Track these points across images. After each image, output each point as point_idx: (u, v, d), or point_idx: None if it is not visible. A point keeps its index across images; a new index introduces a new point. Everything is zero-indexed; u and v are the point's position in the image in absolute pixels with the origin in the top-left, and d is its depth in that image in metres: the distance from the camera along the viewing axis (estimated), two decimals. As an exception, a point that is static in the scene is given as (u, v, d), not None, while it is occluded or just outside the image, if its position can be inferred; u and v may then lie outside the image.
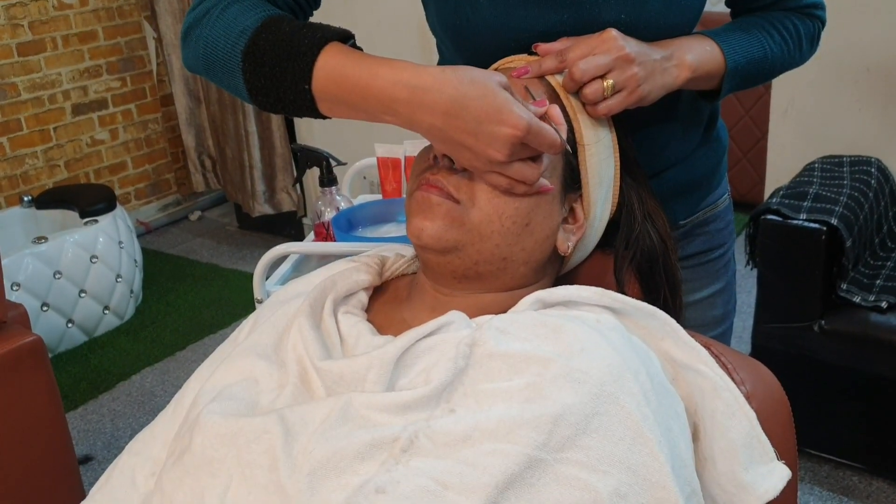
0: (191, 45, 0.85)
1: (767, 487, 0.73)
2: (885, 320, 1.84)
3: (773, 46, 0.94)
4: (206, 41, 0.82)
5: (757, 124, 3.30)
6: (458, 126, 0.72)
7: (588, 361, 0.68)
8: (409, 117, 0.74)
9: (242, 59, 0.79)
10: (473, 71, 0.73)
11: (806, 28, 0.98)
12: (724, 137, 1.09)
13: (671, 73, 0.86)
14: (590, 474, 0.64)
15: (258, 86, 0.80)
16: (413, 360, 0.73)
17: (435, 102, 0.72)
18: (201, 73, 0.86)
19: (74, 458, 1.61)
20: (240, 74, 0.80)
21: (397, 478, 0.63)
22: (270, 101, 0.81)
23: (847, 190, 1.98)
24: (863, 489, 1.97)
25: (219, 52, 0.81)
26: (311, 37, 0.77)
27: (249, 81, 0.80)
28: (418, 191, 0.79)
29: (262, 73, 0.79)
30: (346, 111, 0.78)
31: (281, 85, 0.78)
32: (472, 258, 0.79)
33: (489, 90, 0.72)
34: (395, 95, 0.73)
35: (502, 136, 0.72)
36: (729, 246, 1.12)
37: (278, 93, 0.79)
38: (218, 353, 0.87)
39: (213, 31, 0.82)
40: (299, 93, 0.77)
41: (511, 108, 0.72)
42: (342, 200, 1.51)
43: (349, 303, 0.85)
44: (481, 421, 0.65)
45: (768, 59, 0.94)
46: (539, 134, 0.73)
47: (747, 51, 0.92)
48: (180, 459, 0.72)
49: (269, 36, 0.79)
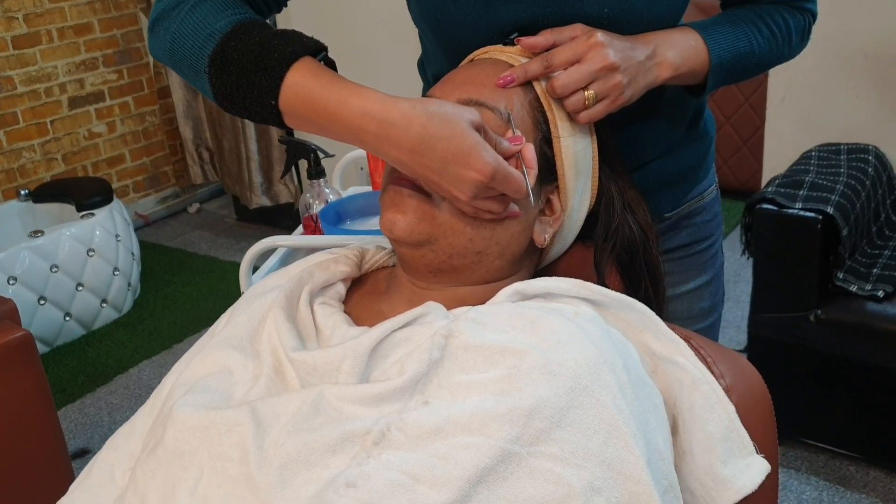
0: (158, 36, 0.83)
1: (746, 481, 0.72)
2: (881, 309, 1.83)
3: (761, 41, 0.92)
4: (174, 36, 0.81)
5: (756, 112, 3.28)
6: (424, 164, 0.72)
7: (564, 354, 0.67)
8: (376, 148, 0.74)
9: (209, 63, 0.78)
10: (445, 107, 0.72)
11: (796, 22, 0.96)
12: (711, 130, 1.07)
13: (652, 73, 0.85)
14: (564, 468, 0.63)
15: (224, 92, 0.79)
16: (388, 352, 0.72)
17: (401, 139, 0.71)
18: (167, 64, 0.85)
19: (67, 453, 1.61)
20: (206, 77, 0.79)
21: (368, 471, 0.63)
22: (236, 109, 0.79)
23: (844, 178, 1.96)
24: (859, 478, 1.96)
25: (186, 51, 0.80)
26: (282, 50, 0.75)
27: (215, 86, 0.79)
28: (391, 184, 0.79)
29: (229, 82, 0.77)
30: (312, 130, 0.77)
31: (247, 96, 0.77)
32: (446, 252, 0.78)
33: (458, 131, 0.71)
34: (363, 127, 0.73)
35: (467, 178, 0.71)
36: (716, 238, 1.10)
37: (244, 102, 0.78)
38: (196, 346, 0.86)
39: (182, 27, 0.80)
40: (265, 107, 0.76)
41: (479, 153, 0.71)
42: (331, 193, 1.50)
43: (326, 294, 0.84)
44: (455, 413, 0.65)
45: (755, 53, 0.92)
46: (505, 180, 0.72)
47: (733, 45, 0.90)
48: (153, 452, 0.72)
49: (238, 45, 0.77)
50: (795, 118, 2.31)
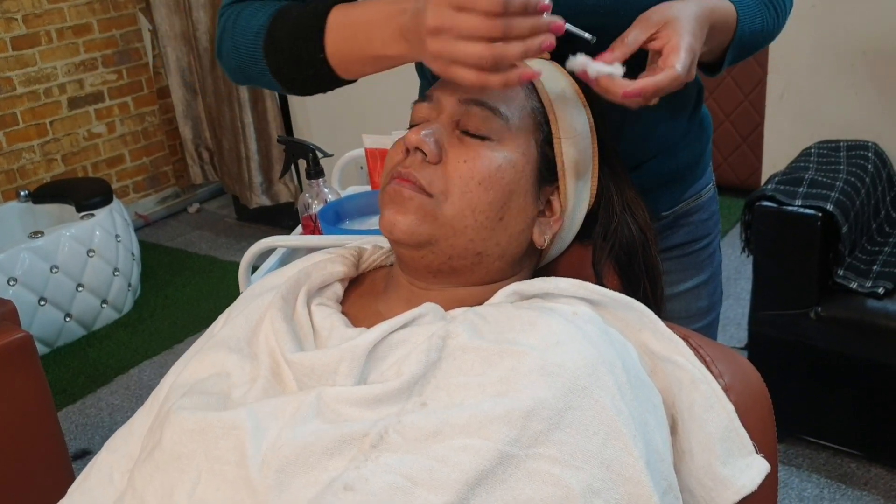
0: (225, 64, 0.93)
1: (745, 481, 0.72)
2: (882, 306, 1.83)
3: (768, 18, 0.91)
4: (233, 52, 0.89)
5: (756, 109, 3.27)
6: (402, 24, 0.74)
7: (562, 355, 0.67)
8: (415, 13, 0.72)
9: (264, 54, 0.86)
10: None
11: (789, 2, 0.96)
12: (708, 125, 1.07)
13: None
14: (562, 470, 0.63)
15: (283, 74, 0.86)
16: (385, 353, 0.72)
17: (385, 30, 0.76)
18: (245, 83, 0.93)
19: (67, 454, 1.61)
20: (267, 70, 0.86)
21: (366, 474, 0.62)
22: (298, 85, 0.87)
23: (843, 175, 1.96)
24: (860, 476, 1.96)
25: (246, 58, 0.88)
26: (314, 11, 0.82)
27: (276, 73, 0.86)
28: (391, 184, 0.78)
29: (283, 60, 0.85)
30: (359, 65, 0.82)
31: (300, 64, 0.84)
32: (446, 253, 0.77)
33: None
34: (396, 14, 0.75)
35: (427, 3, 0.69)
36: (714, 237, 1.10)
37: (302, 73, 0.84)
38: (193, 348, 0.86)
39: (235, 40, 0.89)
40: (318, 65, 0.83)
41: None
42: (330, 192, 1.50)
43: (324, 294, 0.84)
44: (452, 415, 0.64)
45: (764, 31, 0.91)
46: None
47: (752, 21, 0.88)
48: (151, 455, 0.72)
49: (281, 25, 0.84)
50: (795, 115, 2.31)
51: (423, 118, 0.81)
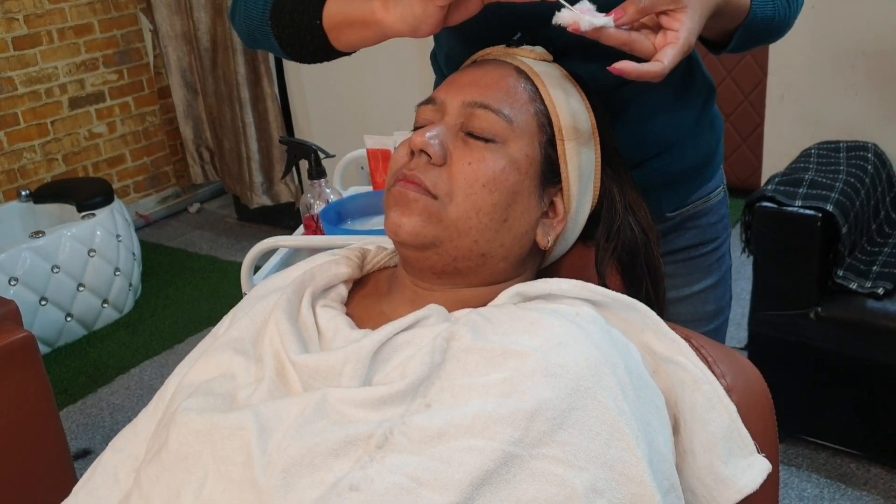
0: (237, 27, 0.97)
1: (747, 481, 0.73)
2: (881, 307, 1.83)
3: (780, 6, 0.90)
4: (244, 17, 0.93)
5: (756, 109, 3.28)
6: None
7: (565, 356, 0.68)
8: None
9: (270, 19, 0.90)
10: None
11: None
12: (719, 127, 1.06)
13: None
14: (566, 470, 0.64)
15: (285, 39, 0.90)
16: (390, 355, 0.73)
17: None
18: (254, 46, 0.98)
19: (69, 454, 1.61)
20: (272, 35, 0.91)
21: (371, 475, 0.63)
22: (296, 50, 0.91)
23: (843, 176, 1.96)
24: (860, 476, 1.97)
25: (255, 23, 0.92)
26: None
27: (279, 38, 0.90)
28: (395, 186, 0.79)
29: (286, 25, 0.89)
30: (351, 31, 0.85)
31: (300, 29, 0.88)
32: (451, 254, 0.78)
33: None
34: None
35: None
36: (723, 240, 1.09)
37: (301, 38, 0.88)
38: (198, 349, 0.87)
39: (247, 7, 0.93)
40: (314, 31, 0.87)
41: None
42: (332, 193, 1.50)
43: (328, 296, 0.84)
44: (457, 416, 0.65)
45: (775, 19, 0.90)
46: None
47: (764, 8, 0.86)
48: (157, 456, 0.72)
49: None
50: (795, 116, 2.31)
51: (427, 120, 0.81)
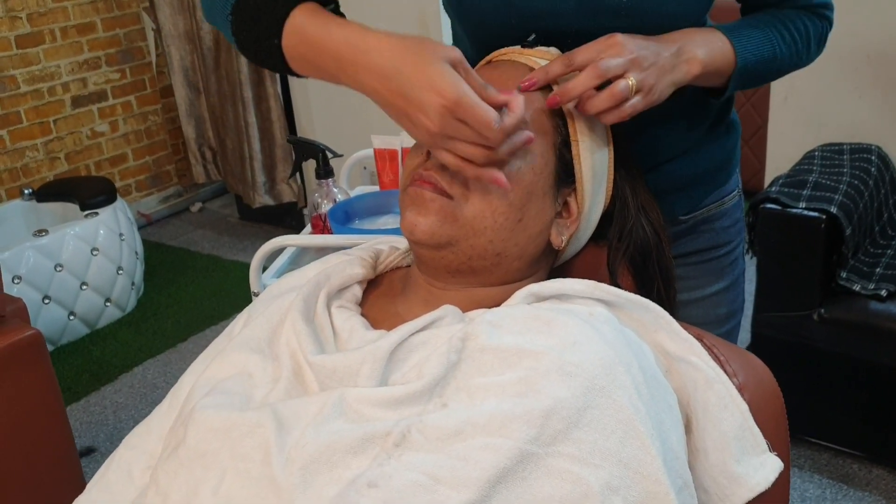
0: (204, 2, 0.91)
1: (759, 479, 0.73)
2: (884, 308, 1.84)
3: (783, 46, 0.92)
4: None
5: (758, 111, 3.28)
6: (392, 89, 0.73)
7: (580, 355, 0.68)
8: (354, 77, 0.76)
9: (231, 11, 0.85)
10: (424, 41, 0.73)
11: (815, 28, 0.96)
12: (737, 132, 1.06)
13: (681, 70, 0.84)
14: (581, 468, 0.64)
15: (241, 39, 0.85)
16: (406, 355, 0.73)
17: (375, 65, 0.73)
18: (214, 25, 0.91)
19: (75, 451, 1.62)
20: (229, 28, 0.86)
21: (389, 472, 0.64)
22: (250, 55, 0.86)
23: (847, 178, 1.97)
24: (862, 476, 1.98)
25: (217, 7, 0.87)
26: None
27: (236, 34, 0.85)
28: (411, 186, 0.79)
29: (244, 27, 0.84)
30: (310, 69, 0.81)
31: (257, 39, 0.82)
32: (466, 253, 0.79)
33: (428, 59, 0.71)
34: (342, 54, 0.76)
35: (432, 103, 0.70)
36: (736, 244, 1.09)
37: (256, 46, 0.83)
38: (212, 348, 0.87)
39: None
40: (271, 48, 0.81)
41: (444, 77, 0.70)
42: (339, 192, 1.51)
43: (343, 296, 0.85)
44: (473, 415, 0.65)
45: (777, 58, 0.92)
46: (471, 109, 0.70)
47: (758, 49, 0.90)
48: (175, 453, 0.73)
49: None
50: (798, 118, 2.32)
51: None
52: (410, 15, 2.78)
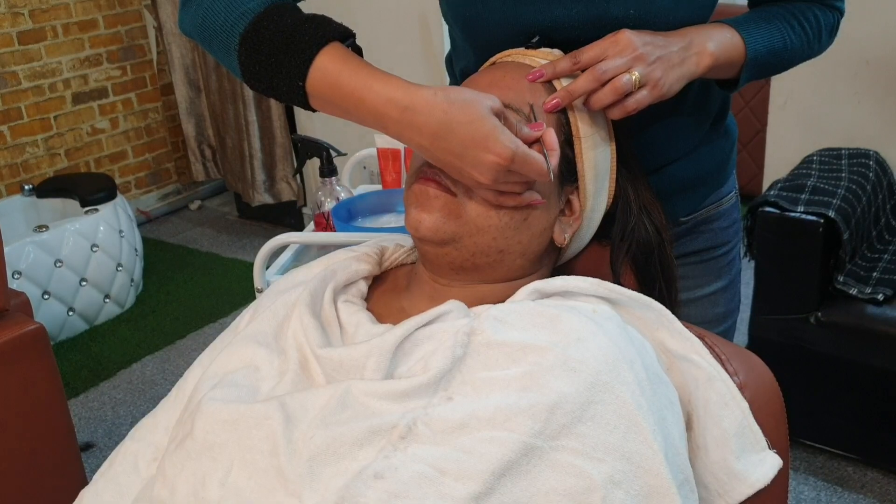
0: (190, 12, 0.85)
1: (759, 476, 0.74)
2: (881, 312, 1.86)
3: (794, 37, 0.93)
4: (206, 12, 0.82)
5: (756, 116, 3.30)
6: (445, 148, 0.73)
7: (584, 351, 0.69)
8: (398, 134, 0.75)
9: (240, 41, 0.80)
10: (465, 93, 0.74)
11: (826, 19, 0.96)
12: (733, 133, 1.08)
13: (691, 62, 0.85)
14: (585, 461, 0.65)
15: (253, 71, 0.81)
16: (412, 349, 0.74)
17: (423, 124, 0.73)
18: (196, 40, 0.86)
19: (76, 445, 1.63)
20: (235, 55, 0.81)
21: (395, 464, 0.65)
22: (263, 87, 0.82)
23: (845, 182, 1.99)
24: (857, 479, 1.99)
25: (217, 28, 0.82)
26: (312, 34, 0.78)
27: (244, 64, 0.81)
28: (416, 183, 0.80)
29: (259, 61, 0.79)
30: (336, 113, 0.80)
31: (276, 76, 0.79)
32: (470, 250, 0.80)
33: (477, 116, 0.72)
34: (386, 113, 0.74)
35: (487, 162, 0.73)
36: (734, 244, 1.11)
37: (272, 82, 0.80)
38: (219, 342, 0.88)
39: (215, 3, 0.82)
40: (293, 88, 0.79)
41: (497, 136, 0.72)
42: (342, 191, 1.52)
43: (349, 292, 0.86)
44: (478, 409, 0.66)
45: (788, 49, 0.93)
46: (525, 161, 0.73)
47: (768, 41, 0.91)
48: (182, 445, 0.74)
49: (270, 25, 0.79)
50: (797, 123, 2.34)
51: None
52: (411, 16, 2.79)
